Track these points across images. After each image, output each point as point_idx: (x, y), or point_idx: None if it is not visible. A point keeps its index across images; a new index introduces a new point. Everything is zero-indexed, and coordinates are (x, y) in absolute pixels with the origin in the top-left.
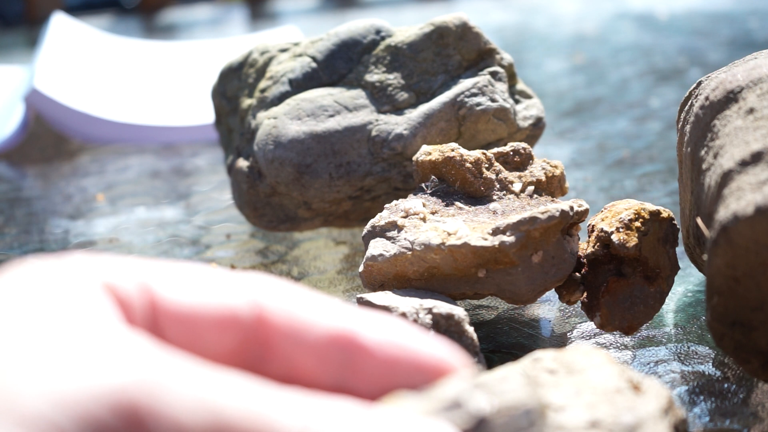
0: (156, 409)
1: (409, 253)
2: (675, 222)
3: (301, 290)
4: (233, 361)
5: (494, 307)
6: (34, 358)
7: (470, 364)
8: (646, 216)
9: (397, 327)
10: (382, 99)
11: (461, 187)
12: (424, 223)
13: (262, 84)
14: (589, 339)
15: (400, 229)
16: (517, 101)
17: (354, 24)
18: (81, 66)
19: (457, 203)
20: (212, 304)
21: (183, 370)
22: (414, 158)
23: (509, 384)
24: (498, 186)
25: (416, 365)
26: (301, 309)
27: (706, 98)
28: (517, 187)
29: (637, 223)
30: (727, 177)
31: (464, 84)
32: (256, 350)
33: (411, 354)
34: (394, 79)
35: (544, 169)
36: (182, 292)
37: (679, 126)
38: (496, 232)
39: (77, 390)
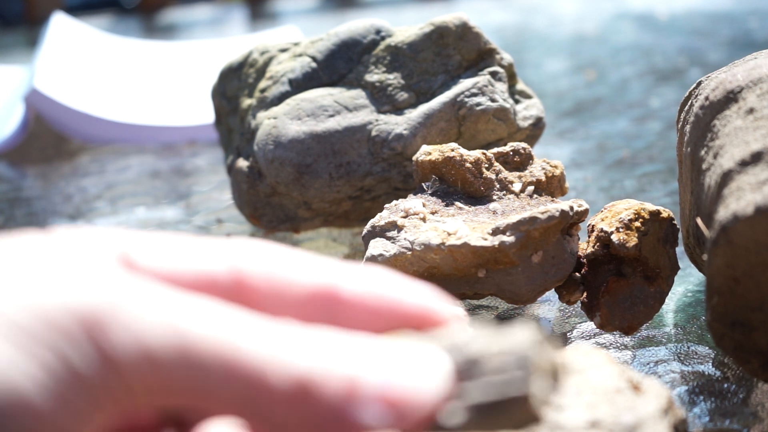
0: (120, 322)
1: (409, 253)
2: (675, 222)
3: (282, 249)
4: None
5: (494, 307)
6: (28, 282)
7: (455, 309)
8: (646, 216)
9: (379, 277)
10: (382, 99)
11: (461, 187)
12: (424, 223)
13: (262, 84)
14: (589, 339)
15: (400, 229)
16: (517, 101)
17: (354, 24)
18: (81, 66)
19: (457, 203)
20: (190, 269)
21: (157, 294)
22: (414, 158)
23: (517, 335)
24: (498, 186)
25: (400, 314)
26: (280, 268)
27: (706, 98)
28: (517, 187)
29: (637, 223)
30: (727, 177)
31: (464, 84)
32: None
33: (394, 304)
34: (394, 79)
35: (544, 169)
36: (160, 258)
37: (679, 126)
38: (496, 232)
39: (52, 305)
